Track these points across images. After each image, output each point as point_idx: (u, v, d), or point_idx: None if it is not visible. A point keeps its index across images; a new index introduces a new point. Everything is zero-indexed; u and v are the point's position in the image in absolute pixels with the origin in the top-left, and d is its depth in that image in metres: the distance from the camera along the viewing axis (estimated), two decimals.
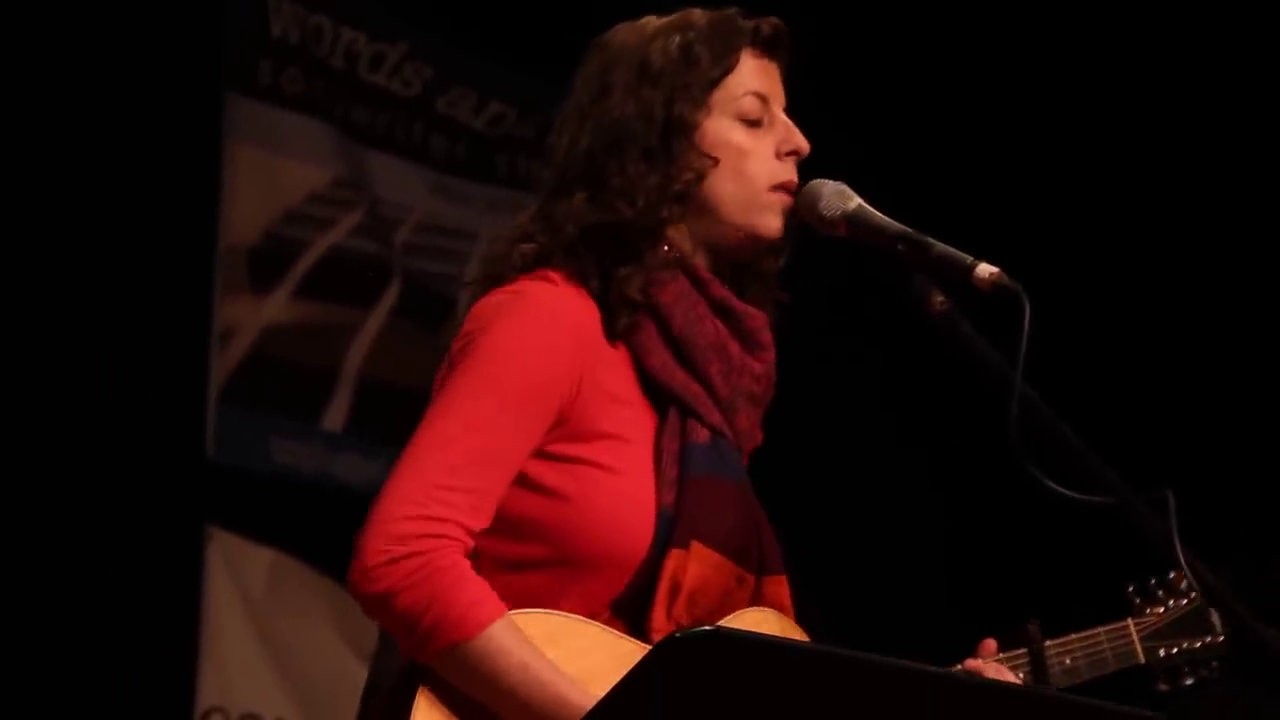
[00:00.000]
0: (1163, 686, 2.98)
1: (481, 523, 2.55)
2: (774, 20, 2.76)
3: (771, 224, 2.72)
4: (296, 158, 6.17)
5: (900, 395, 6.31)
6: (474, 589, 2.50)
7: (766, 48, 2.75)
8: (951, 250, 2.59)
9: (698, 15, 2.76)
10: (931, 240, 2.61)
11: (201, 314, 5.86)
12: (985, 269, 2.55)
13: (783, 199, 2.72)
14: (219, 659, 5.80)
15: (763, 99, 2.74)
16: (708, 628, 2.37)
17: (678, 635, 2.17)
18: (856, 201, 2.70)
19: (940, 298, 2.58)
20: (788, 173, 2.73)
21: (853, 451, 6.33)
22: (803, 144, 2.74)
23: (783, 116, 2.75)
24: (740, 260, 2.76)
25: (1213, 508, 3.62)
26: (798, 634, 2.71)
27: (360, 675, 6.37)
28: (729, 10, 2.77)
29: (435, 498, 2.52)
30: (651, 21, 2.77)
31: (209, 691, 5.76)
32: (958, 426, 5.22)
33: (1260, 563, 2.99)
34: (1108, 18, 6.10)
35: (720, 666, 2.14)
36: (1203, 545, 2.45)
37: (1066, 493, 2.45)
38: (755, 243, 2.74)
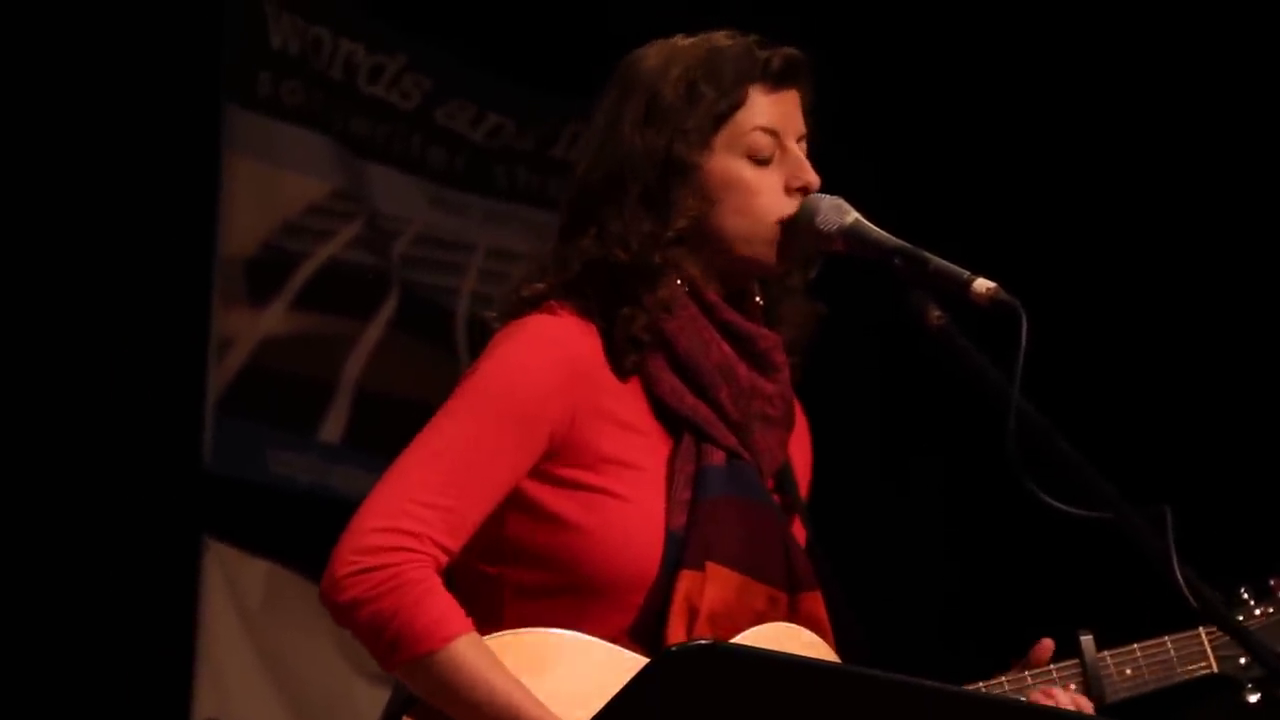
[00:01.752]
0: (1251, 699, 2.92)
1: (456, 542, 2.57)
2: (786, 52, 2.74)
3: (774, 254, 2.72)
4: (295, 169, 6.17)
5: (897, 410, 6.30)
6: (440, 603, 2.52)
7: (779, 80, 2.73)
8: (949, 265, 2.59)
9: (718, 42, 2.75)
10: (929, 255, 2.61)
11: (199, 325, 5.85)
12: (982, 284, 2.55)
13: None
14: (215, 670, 5.79)
15: (774, 134, 2.72)
16: (704, 642, 2.37)
17: (674, 649, 2.17)
18: (854, 216, 2.69)
19: (938, 312, 2.58)
20: (795, 207, 2.71)
21: (850, 465, 6.33)
22: (812, 179, 2.72)
23: (795, 151, 2.73)
24: (760, 279, 2.76)
25: (1212, 524, 3.62)
26: (817, 648, 2.70)
27: (355, 686, 6.37)
28: (747, 40, 2.75)
29: (407, 512, 2.55)
30: (678, 44, 2.76)
31: (205, 702, 5.74)
32: (955, 441, 5.22)
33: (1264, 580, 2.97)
34: (1103, 35, 6.10)
35: (718, 680, 2.14)
36: (1201, 561, 2.44)
37: (1064, 508, 2.45)
38: (761, 270, 2.73)
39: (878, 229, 2.67)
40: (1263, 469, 5.68)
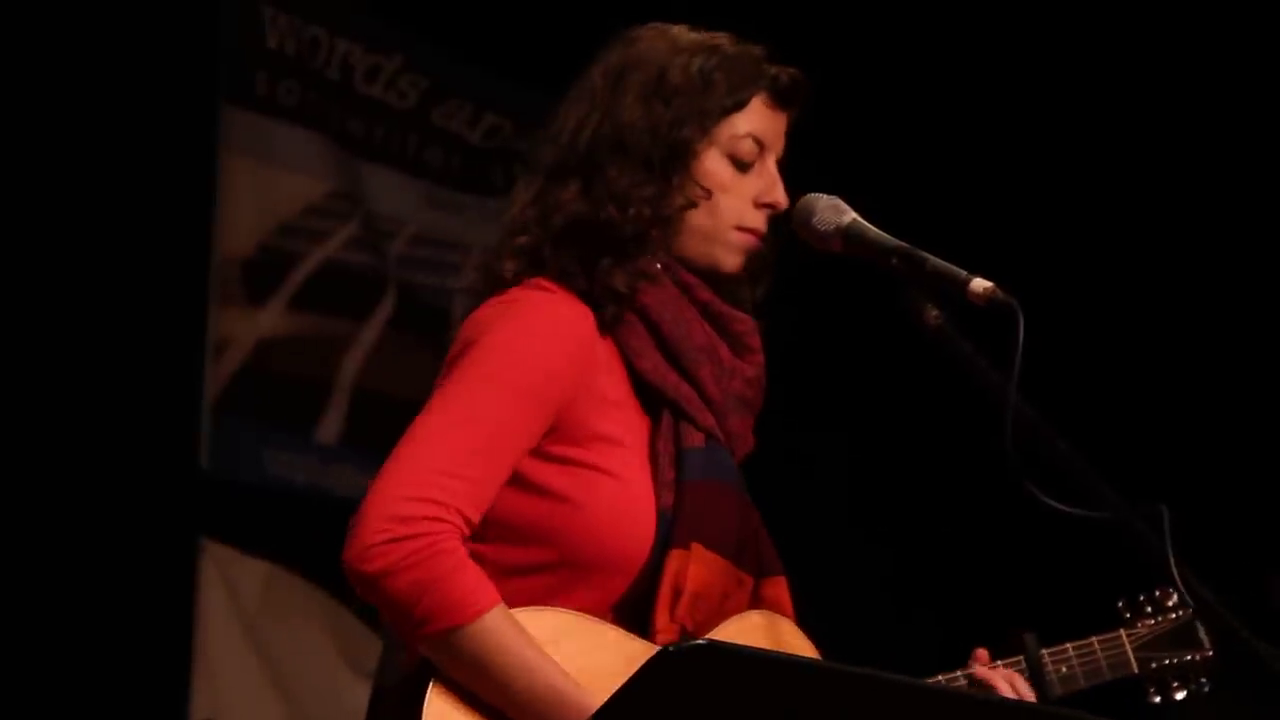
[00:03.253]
0: (1155, 698, 3.00)
1: (477, 514, 2.57)
2: (794, 72, 2.77)
3: (730, 260, 2.76)
4: (292, 169, 6.17)
5: (895, 409, 6.31)
6: (472, 575, 2.51)
7: (781, 98, 2.77)
8: (946, 265, 2.60)
9: (726, 42, 2.78)
10: (926, 255, 2.62)
11: (196, 326, 5.85)
12: (980, 283, 2.56)
13: (746, 239, 2.76)
14: (212, 671, 5.79)
15: (760, 145, 2.76)
16: (702, 641, 2.38)
17: (670, 649, 2.17)
18: (851, 216, 2.70)
19: (935, 312, 2.59)
20: (758, 221, 2.76)
21: (843, 462, 6.34)
22: (781, 200, 2.77)
23: (772, 168, 2.78)
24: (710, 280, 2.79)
25: (1210, 524, 3.63)
26: (796, 636, 2.75)
27: (353, 686, 6.36)
28: (756, 48, 2.78)
29: (436, 483, 2.53)
30: (683, 34, 2.79)
31: (202, 703, 5.75)
32: (952, 440, 5.22)
33: (1259, 580, 3.00)
34: (1099, 33, 6.11)
35: (714, 680, 2.14)
36: (1199, 562, 2.45)
37: (1061, 507, 2.45)
38: (714, 272, 2.77)
39: (875, 229, 2.68)
40: (1259, 469, 5.69)
